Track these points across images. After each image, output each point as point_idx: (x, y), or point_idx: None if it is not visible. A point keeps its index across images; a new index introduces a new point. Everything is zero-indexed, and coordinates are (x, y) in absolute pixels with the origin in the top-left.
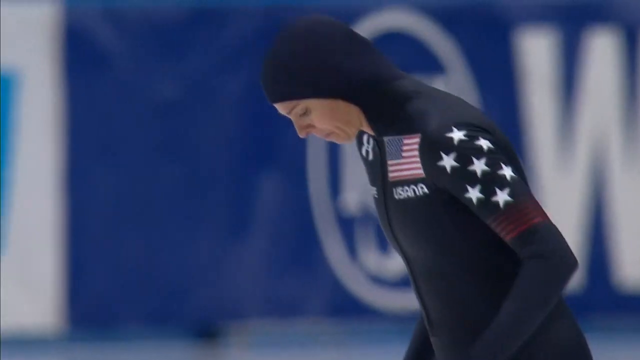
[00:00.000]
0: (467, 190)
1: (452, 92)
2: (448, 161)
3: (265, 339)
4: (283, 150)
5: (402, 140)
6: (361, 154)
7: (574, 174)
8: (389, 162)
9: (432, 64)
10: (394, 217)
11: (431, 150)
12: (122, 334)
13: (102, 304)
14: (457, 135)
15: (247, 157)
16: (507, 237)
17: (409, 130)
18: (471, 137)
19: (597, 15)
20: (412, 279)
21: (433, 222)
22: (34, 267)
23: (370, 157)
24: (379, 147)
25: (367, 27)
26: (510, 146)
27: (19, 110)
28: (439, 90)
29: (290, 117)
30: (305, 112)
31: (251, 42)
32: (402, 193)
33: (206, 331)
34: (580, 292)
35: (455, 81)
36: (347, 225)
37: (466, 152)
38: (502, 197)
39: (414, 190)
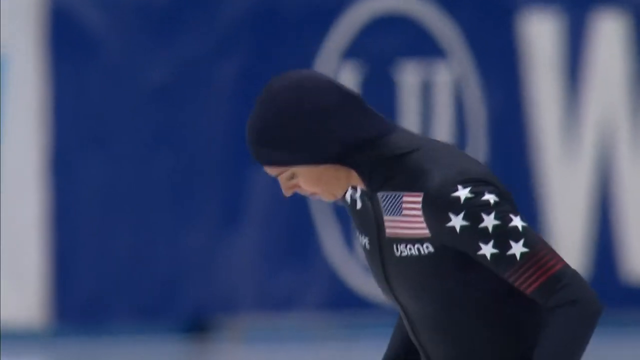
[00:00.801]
0: (480, 248)
1: (455, 78)
2: (457, 221)
3: (259, 333)
4: None
5: (401, 197)
6: (346, 200)
7: (580, 161)
8: (386, 218)
9: (433, 49)
10: (392, 272)
11: (437, 211)
12: (111, 328)
13: (91, 297)
14: (463, 193)
15: (241, 145)
16: (529, 290)
17: (409, 188)
18: (477, 194)
19: None
20: (409, 328)
21: (440, 279)
22: (19, 259)
23: (359, 206)
24: (372, 202)
25: (367, 11)
26: (511, 195)
27: (3, 95)
28: (434, 141)
29: (277, 177)
30: (293, 177)
31: (245, 24)
32: (405, 250)
33: (198, 325)
34: None
35: (457, 66)
36: (344, 216)
37: (474, 209)
38: (517, 249)
39: (418, 250)
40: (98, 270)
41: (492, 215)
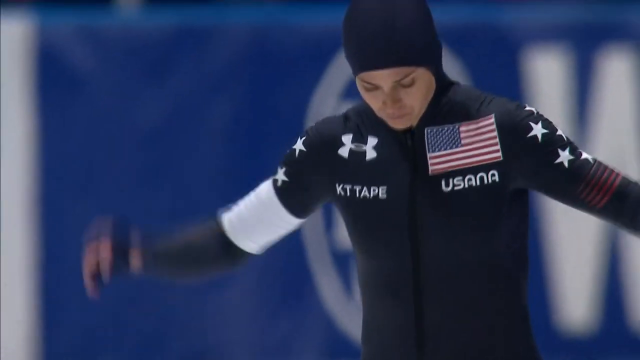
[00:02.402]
0: (558, 155)
1: None
2: (538, 130)
3: None
4: None
5: (457, 128)
6: (339, 155)
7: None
8: (431, 155)
9: None
10: (431, 213)
11: (519, 124)
12: None
13: (78, 345)
14: (530, 108)
15: (235, 188)
16: (605, 198)
17: (470, 116)
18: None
19: (613, 35)
20: (411, 288)
21: (495, 215)
22: (5, 302)
23: (371, 156)
24: (413, 139)
25: None
26: None
27: None
28: None
29: (387, 87)
30: (411, 83)
31: (239, 62)
32: (462, 183)
33: None
34: (594, 335)
35: None
36: (342, 261)
37: (546, 120)
38: (586, 155)
39: (481, 179)
40: (85, 318)
41: (557, 128)
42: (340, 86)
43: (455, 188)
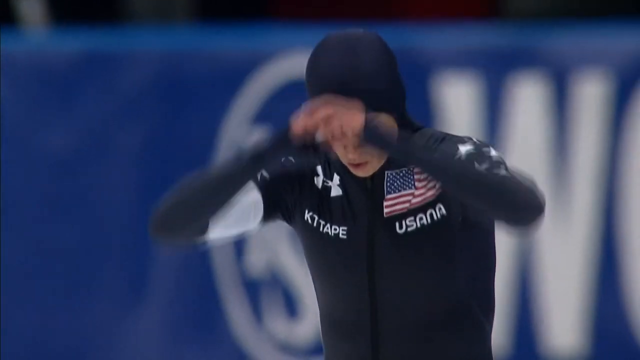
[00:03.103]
0: (459, 149)
1: None
2: (464, 149)
3: None
4: None
5: (412, 170)
6: (314, 184)
7: (498, 233)
8: (389, 197)
9: None
10: (387, 255)
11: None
12: None
13: None
14: (473, 137)
15: (145, 215)
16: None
17: None
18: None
19: (523, 61)
20: (369, 334)
21: (450, 254)
22: None
23: (335, 193)
24: (373, 182)
25: (275, 73)
26: None
27: None
28: None
29: None
30: None
31: (149, 88)
32: (413, 223)
33: None
34: None
35: None
36: (252, 289)
37: (480, 142)
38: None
39: (430, 215)
40: (8, 329)
41: (491, 148)
42: (252, 112)
43: (409, 229)
